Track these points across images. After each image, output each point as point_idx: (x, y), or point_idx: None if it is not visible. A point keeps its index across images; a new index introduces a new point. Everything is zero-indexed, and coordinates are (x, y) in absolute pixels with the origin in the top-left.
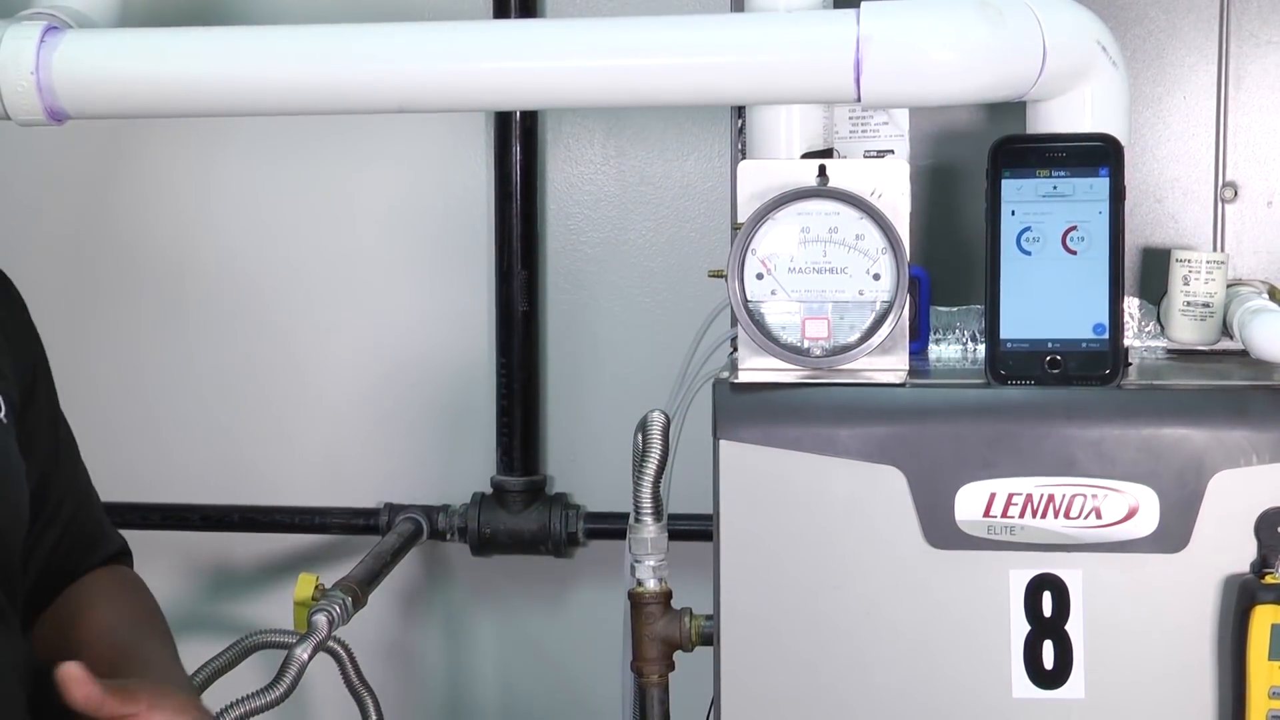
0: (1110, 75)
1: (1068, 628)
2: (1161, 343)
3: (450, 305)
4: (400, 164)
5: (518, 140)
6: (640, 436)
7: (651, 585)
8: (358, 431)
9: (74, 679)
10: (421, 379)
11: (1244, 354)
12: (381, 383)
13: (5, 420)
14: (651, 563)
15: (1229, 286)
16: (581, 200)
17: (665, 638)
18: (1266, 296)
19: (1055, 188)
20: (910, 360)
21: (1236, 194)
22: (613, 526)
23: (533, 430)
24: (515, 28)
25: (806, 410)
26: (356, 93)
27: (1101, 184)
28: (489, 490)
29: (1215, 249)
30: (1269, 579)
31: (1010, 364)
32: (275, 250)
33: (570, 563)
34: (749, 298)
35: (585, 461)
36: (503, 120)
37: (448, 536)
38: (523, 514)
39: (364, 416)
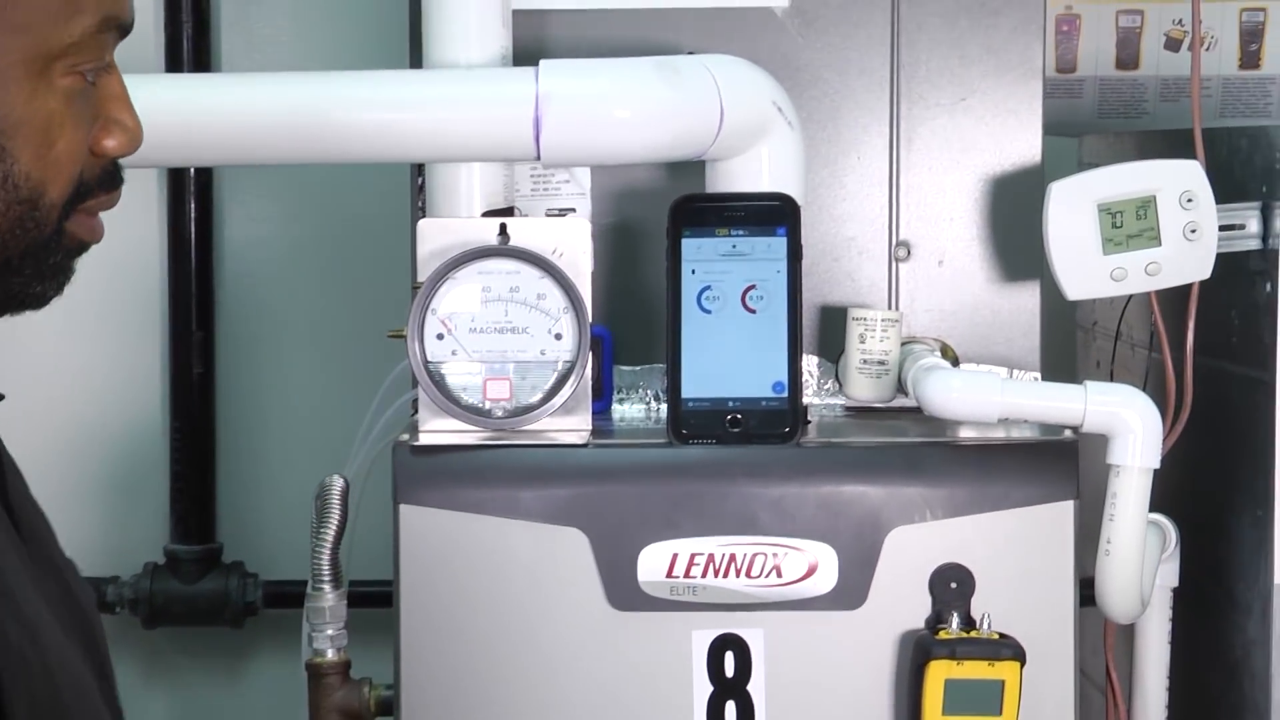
0: (786, 135)
1: (749, 688)
2: (840, 400)
3: (121, 367)
4: None
5: (192, 197)
6: (318, 502)
7: (330, 655)
8: None
9: None
10: (89, 444)
11: (918, 411)
12: (46, 447)
13: None
14: (330, 631)
15: (903, 344)
16: (260, 258)
17: (344, 709)
18: (939, 354)
19: (734, 246)
20: (593, 420)
21: (910, 253)
22: (292, 592)
23: (209, 497)
24: (185, 81)
25: (489, 472)
26: None
27: (779, 243)
28: (162, 559)
29: (890, 307)
30: (942, 634)
31: (692, 423)
32: None
33: (247, 633)
34: (429, 358)
35: (265, 528)
36: (176, 176)
37: (117, 609)
38: (198, 583)
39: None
